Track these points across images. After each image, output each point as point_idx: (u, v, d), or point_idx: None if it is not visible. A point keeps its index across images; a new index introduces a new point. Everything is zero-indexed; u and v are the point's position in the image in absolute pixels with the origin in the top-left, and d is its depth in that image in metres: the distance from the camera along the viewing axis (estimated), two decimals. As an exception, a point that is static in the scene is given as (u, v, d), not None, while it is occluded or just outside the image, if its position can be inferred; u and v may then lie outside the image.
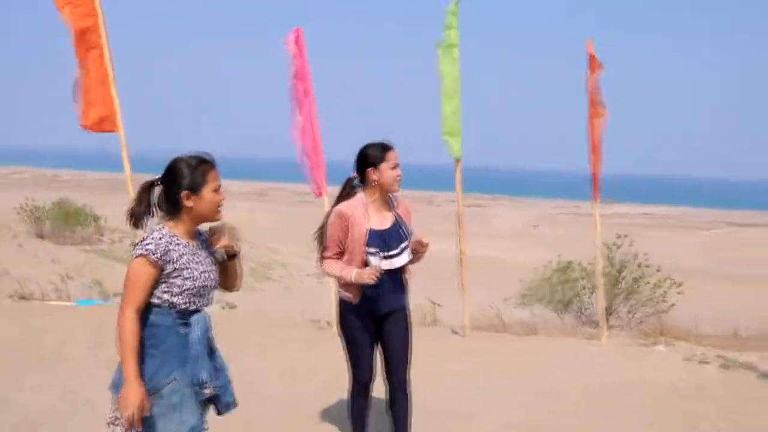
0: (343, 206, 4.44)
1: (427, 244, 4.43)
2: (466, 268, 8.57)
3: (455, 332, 8.75)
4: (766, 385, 6.81)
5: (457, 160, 8.44)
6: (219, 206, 3.24)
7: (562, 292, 12.84)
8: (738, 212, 55.74)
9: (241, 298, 15.79)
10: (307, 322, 9.11)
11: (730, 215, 52.44)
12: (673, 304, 11.86)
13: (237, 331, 8.02)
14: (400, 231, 4.47)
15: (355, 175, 4.50)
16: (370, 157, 4.40)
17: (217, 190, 3.20)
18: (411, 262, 4.53)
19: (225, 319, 8.55)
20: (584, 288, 12.52)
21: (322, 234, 4.55)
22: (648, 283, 12.32)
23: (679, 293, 12.09)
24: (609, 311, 11.92)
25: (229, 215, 3.43)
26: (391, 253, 4.39)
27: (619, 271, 12.45)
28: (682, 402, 6.33)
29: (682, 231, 40.08)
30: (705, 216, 51.76)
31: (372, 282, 4.27)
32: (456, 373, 7.11)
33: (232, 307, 10.79)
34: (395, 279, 4.47)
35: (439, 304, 9.64)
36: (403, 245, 4.44)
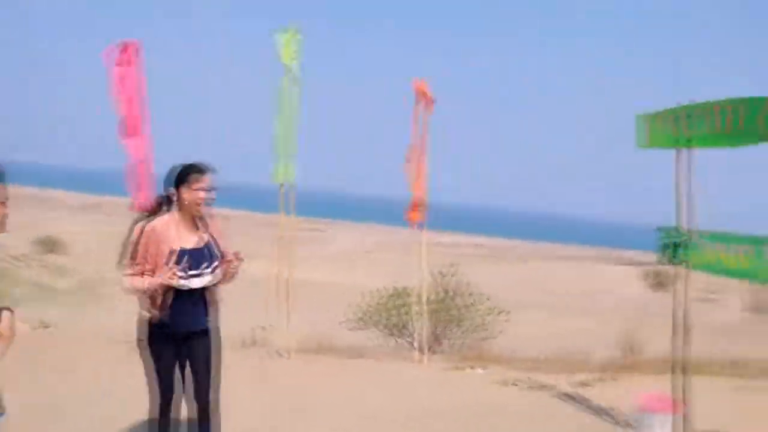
0: (154, 222, 4.36)
1: (241, 259, 4.42)
2: (291, 290, 8.61)
3: (281, 354, 8.70)
4: (564, 402, 7.35)
5: (281, 185, 8.57)
6: None
7: (397, 317, 13.18)
8: (556, 246, 59.49)
9: (65, 316, 14.88)
10: (121, 342, 8.73)
11: (548, 248, 55.81)
12: (500, 331, 12.58)
13: (48, 351, 7.56)
14: (210, 251, 4.42)
15: (168, 192, 4.43)
16: (179, 176, 4.37)
17: None
18: (223, 281, 4.49)
19: (38, 339, 8.02)
20: (417, 313, 12.94)
21: (126, 249, 4.41)
22: (479, 310, 12.97)
23: (506, 321, 12.84)
24: (439, 336, 12.49)
25: (58, 228, 3.23)
26: (195, 272, 4.34)
27: (452, 299, 13.02)
28: (488, 420, 6.65)
29: (505, 262, 42.28)
30: (524, 248, 54.81)
31: (173, 283, 4.20)
32: (276, 395, 7.08)
33: (45, 326, 10.11)
34: (196, 299, 4.41)
35: (264, 327, 9.57)
36: (209, 266, 4.39)
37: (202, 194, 4.35)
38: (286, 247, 8.73)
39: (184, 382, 4.56)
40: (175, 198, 4.39)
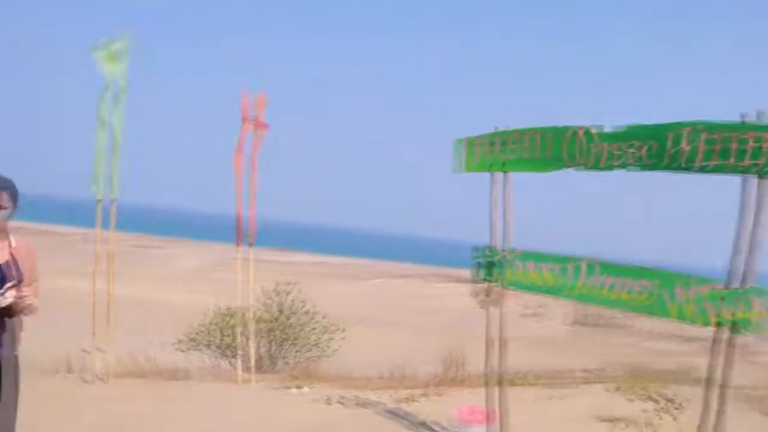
0: None
1: (23, 299, 4.01)
2: (113, 310, 8.17)
3: (100, 379, 8.22)
4: (387, 419, 7.47)
5: (99, 200, 8.18)
6: None
7: (229, 337, 12.84)
8: (394, 264, 60.76)
9: None
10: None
11: (386, 266, 56.86)
12: (335, 350, 12.57)
13: None
14: (8, 271, 4.07)
15: None
16: None
17: None
18: (16, 310, 4.07)
19: None
20: (243, 334, 12.66)
21: None
22: (314, 329, 12.89)
23: (341, 339, 12.87)
24: (273, 356, 12.28)
25: None
26: None
27: (287, 317, 12.87)
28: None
29: (345, 280, 42.65)
30: (362, 266, 55.54)
31: None
32: (90, 423, 6.65)
33: None
34: None
35: (85, 350, 9.00)
36: (5, 286, 4.04)
37: None
38: (107, 264, 8.26)
39: None
40: None
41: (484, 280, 6.34)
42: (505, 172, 6.20)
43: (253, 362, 9.14)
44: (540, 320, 33.28)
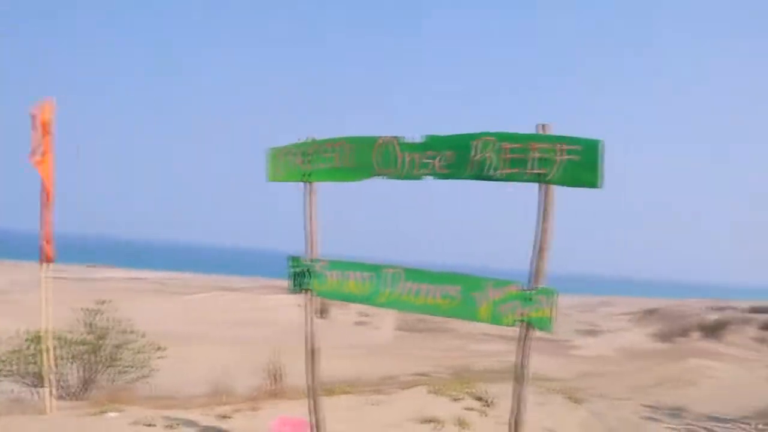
0: None
1: None
2: None
3: None
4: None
5: None
6: None
7: (36, 365, 11.78)
8: (218, 277, 59.45)
9: None
10: None
11: (210, 280, 55.47)
12: (154, 370, 11.95)
13: None
14: None
15: None
16: None
17: None
18: None
19: None
20: (61, 358, 11.71)
21: None
22: (131, 349, 12.19)
23: (160, 358, 12.24)
24: (87, 381, 11.44)
25: None
26: None
27: (99, 338, 12.06)
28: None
29: (166, 296, 41.03)
30: (185, 280, 53.82)
31: None
32: None
33: None
34: None
35: None
36: None
37: None
38: None
39: None
40: None
41: (300, 290, 6.30)
42: (310, 182, 6.20)
43: (55, 391, 8.41)
44: (373, 328, 34.00)
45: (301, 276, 6.24)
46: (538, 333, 4.84)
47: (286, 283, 6.43)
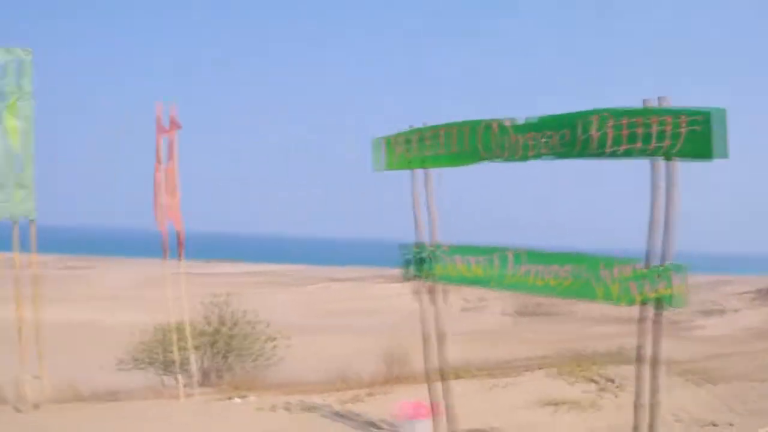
0: None
1: None
2: (40, 335, 7.91)
3: (35, 407, 7.97)
4: (333, 421, 7.50)
5: (15, 222, 7.97)
6: None
7: (174, 353, 12.57)
8: (334, 268, 60.49)
9: None
10: None
11: (326, 271, 56.56)
12: (280, 358, 12.48)
13: None
14: None
15: None
16: None
17: None
18: None
19: None
20: (182, 348, 12.45)
21: None
22: (258, 338, 12.77)
23: (286, 347, 12.78)
24: (219, 369, 12.11)
25: None
26: None
27: (230, 329, 12.70)
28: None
29: (284, 287, 42.28)
30: (301, 272, 55.15)
31: None
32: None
33: None
34: None
35: (38, 377, 8.68)
36: None
37: None
38: (29, 287, 7.98)
39: None
40: None
41: (415, 276, 6.41)
42: (425, 168, 6.29)
43: (195, 376, 8.99)
44: (481, 313, 33.83)
45: (418, 262, 6.34)
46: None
47: (393, 271, 6.51)
